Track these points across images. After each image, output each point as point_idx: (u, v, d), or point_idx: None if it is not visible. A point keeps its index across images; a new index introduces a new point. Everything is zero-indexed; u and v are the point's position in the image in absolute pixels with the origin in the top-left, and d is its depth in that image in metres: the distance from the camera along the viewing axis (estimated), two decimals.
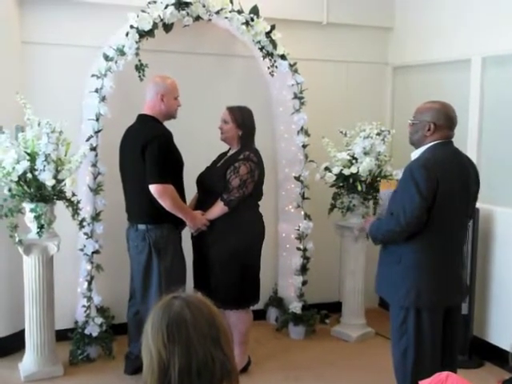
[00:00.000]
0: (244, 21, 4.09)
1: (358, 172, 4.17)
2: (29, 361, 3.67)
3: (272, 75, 4.24)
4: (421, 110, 2.92)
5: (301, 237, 4.40)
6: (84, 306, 3.87)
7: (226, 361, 1.37)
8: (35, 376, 3.62)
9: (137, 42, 3.80)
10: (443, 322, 2.93)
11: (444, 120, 2.84)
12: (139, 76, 3.76)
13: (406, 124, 3.03)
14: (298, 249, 4.40)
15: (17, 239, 3.53)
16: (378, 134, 4.28)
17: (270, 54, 4.20)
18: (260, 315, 4.45)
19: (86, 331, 3.86)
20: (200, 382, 1.31)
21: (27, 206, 3.55)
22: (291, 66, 4.27)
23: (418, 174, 2.75)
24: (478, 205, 3.76)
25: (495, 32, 3.95)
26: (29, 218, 3.59)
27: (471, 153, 3.98)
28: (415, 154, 2.92)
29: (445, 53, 4.40)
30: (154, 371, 1.33)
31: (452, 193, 2.80)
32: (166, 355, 1.32)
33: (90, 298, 3.88)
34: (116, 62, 3.80)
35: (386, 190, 3.31)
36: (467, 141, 4.10)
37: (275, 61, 4.21)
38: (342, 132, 4.36)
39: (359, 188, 4.19)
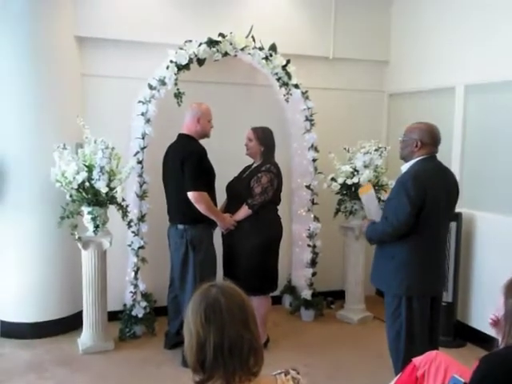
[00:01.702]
0: (264, 56, 4.10)
1: (359, 182, 4.14)
2: (86, 337, 3.69)
3: (287, 101, 4.24)
4: (409, 129, 2.90)
5: (311, 236, 4.38)
6: (131, 291, 3.89)
7: (253, 340, 1.35)
8: (91, 349, 3.63)
9: (175, 74, 3.82)
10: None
11: (429, 138, 2.82)
12: (177, 102, 3.77)
13: (398, 141, 3.01)
14: (309, 245, 4.39)
15: (77, 236, 3.55)
16: (376, 150, 4.26)
17: (285, 84, 4.20)
18: (276, 301, 4.42)
19: (133, 313, 3.87)
20: (231, 357, 1.30)
21: (85, 209, 3.57)
22: (303, 93, 4.26)
23: (409, 184, 2.74)
24: (461, 209, 3.77)
25: (476, 64, 3.91)
26: (86, 219, 3.61)
27: (455, 166, 3.95)
28: (405, 167, 2.91)
29: (432, 82, 4.36)
30: (193, 347, 1.32)
31: (437, 200, 2.78)
32: (203, 334, 1.30)
33: (136, 285, 3.89)
34: (158, 91, 3.83)
35: (364, 195, 3.29)
36: (452, 156, 4.05)
37: (290, 89, 4.21)
38: (345, 148, 4.34)
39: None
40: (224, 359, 1.29)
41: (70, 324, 3.95)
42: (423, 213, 2.73)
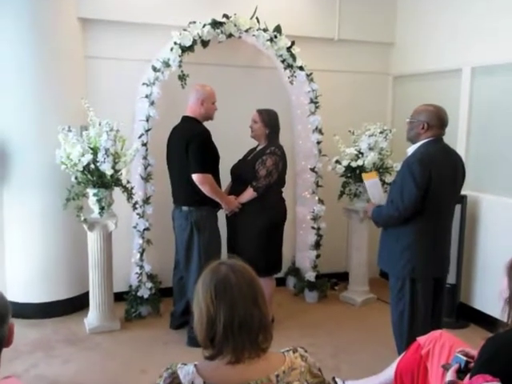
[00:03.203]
0: (268, 38, 4.06)
1: (363, 164, 4.14)
2: (92, 317, 3.73)
3: (292, 83, 4.22)
4: (417, 111, 2.88)
5: (315, 218, 4.38)
6: (137, 273, 3.92)
7: (262, 316, 1.36)
8: (97, 329, 3.67)
9: (179, 56, 3.80)
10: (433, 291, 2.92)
11: (436, 120, 2.80)
12: (182, 84, 3.76)
13: (404, 124, 2.99)
14: (313, 228, 4.39)
15: (82, 218, 3.56)
16: (381, 133, 4.23)
17: (290, 66, 4.18)
18: (280, 282, 4.45)
19: (139, 293, 3.90)
20: (240, 333, 1.31)
21: (90, 191, 3.58)
22: (308, 75, 4.23)
23: (415, 167, 2.72)
24: (466, 192, 3.76)
25: (483, 45, 3.87)
26: (92, 201, 3.61)
27: (460, 148, 3.93)
28: (411, 149, 2.89)
29: (438, 64, 4.32)
30: (203, 323, 1.33)
31: (442, 183, 2.76)
32: (213, 310, 1.31)
33: (141, 267, 3.92)
34: (162, 73, 3.81)
35: (369, 180, 3.29)
36: (457, 138, 4.03)
37: (294, 71, 4.19)
38: (350, 131, 4.33)
39: None
40: (233, 335, 1.30)
41: (77, 304, 4.00)
42: (428, 195, 2.72)
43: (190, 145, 3.33)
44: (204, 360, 1.36)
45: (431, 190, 2.71)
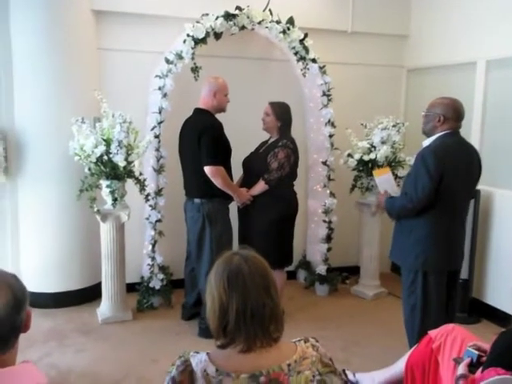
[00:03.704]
0: (281, 30, 4.05)
1: (375, 158, 4.12)
2: (104, 307, 3.76)
3: (304, 76, 4.21)
4: (433, 104, 2.86)
5: (326, 211, 4.38)
6: (149, 264, 3.95)
7: (274, 307, 1.37)
8: (109, 320, 3.70)
9: (192, 48, 3.80)
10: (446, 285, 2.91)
11: (452, 113, 2.78)
12: (194, 76, 3.77)
13: (418, 117, 2.98)
14: (324, 221, 4.39)
15: (95, 209, 3.60)
16: (394, 126, 4.20)
17: (303, 58, 4.16)
18: (291, 276, 4.44)
19: (150, 284, 3.93)
20: (252, 323, 1.32)
21: (104, 182, 3.61)
22: (321, 68, 4.21)
23: (429, 159, 2.71)
24: (479, 186, 3.71)
25: (498, 38, 3.82)
26: (105, 193, 3.64)
27: (474, 141, 3.88)
28: (427, 142, 2.87)
29: (453, 56, 4.28)
30: (216, 311, 1.34)
31: (457, 176, 2.74)
32: (225, 299, 1.32)
33: (153, 258, 3.95)
34: (175, 65, 3.81)
35: (382, 176, 3.27)
36: (471, 132, 3.99)
37: (307, 64, 4.17)
38: (362, 124, 4.30)
39: None
40: (246, 325, 1.32)
41: (90, 295, 4.04)
42: (442, 188, 2.70)
43: (202, 137, 3.33)
44: (216, 349, 1.38)
45: (445, 182, 2.70)
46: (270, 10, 4.05)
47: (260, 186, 3.54)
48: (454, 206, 2.80)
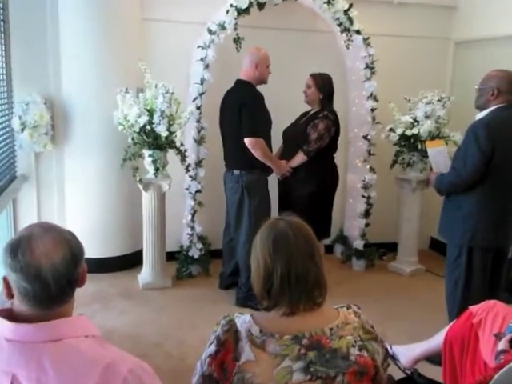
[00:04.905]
0: (326, 0, 3.97)
1: (418, 133, 4.03)
2: (145, 273, 3.87)
3: (348, 48, 4.12)
4: (487, 77, 2.78)
5: (366, 186, 4.32)
6: (188, 233, 4.01)
7: (318, 272, 1.39)
8: (150, 286, 3.81)
9: (235, 19, 3.76)
10: (492, 262, 2.86)
11: (507, 86, 2.69)
12: (236, 47, 3.73)
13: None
14: (363, 196, 4.34)
15: (138, 178, 3.68)
16: (439, 101, 4.07)
17: (347, 30, 4.07)
18: (328, 250, 4.46)
19: (189, 253, 4.00)
20: (296, 287, 1.34)
21: (146, 152, 3.67)
22: (365, 40, 4.11)
23: (480, 131, 2.64)
24: None
25: None
26: (147, 162, 3.70)
27: None
28: (480, 115, 2.79)
29: (505, 29, 4.08)
30: (260, 275, 1.36)
31: (509, 150, 2.66)
32: (270, 263, 1.34)
33: (192, 228, 4.01)
34: (218, 36, 3.79)
35: (435, 148, 3.20)
36: None
37: (351, 35, 4.07)
38: (406, 98, 4.19)
39: (419, 147, 4.07)
40: (290, 288, 1.34)
41: (131, 261, 4.15)
42: (493, 163, 2.63)
43: (243, 109, 3.34)
44: (259, 312, 1.42)
45: (497, 157, 2.62)
46: None
47: (299, 158, 3.54)
48: (505, 183, 2.73)
